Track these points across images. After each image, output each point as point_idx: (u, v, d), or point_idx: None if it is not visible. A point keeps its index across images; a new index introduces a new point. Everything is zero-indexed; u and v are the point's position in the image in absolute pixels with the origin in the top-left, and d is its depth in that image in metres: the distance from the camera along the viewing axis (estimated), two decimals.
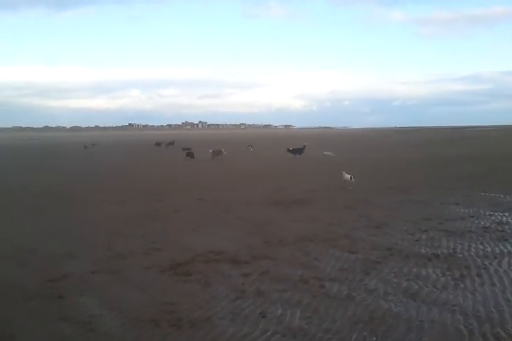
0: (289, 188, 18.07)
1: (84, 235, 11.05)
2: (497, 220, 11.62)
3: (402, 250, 9.08)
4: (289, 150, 34.78)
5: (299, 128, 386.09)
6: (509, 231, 10.45)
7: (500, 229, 10.66)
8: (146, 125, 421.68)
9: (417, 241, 9.76)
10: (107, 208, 14.74)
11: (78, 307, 6.65)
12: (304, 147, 35.21)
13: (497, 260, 8.35)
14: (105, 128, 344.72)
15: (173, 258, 8.83)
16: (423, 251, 9.03)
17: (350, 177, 16.79)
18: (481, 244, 9.44)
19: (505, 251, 8.91)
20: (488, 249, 9.03)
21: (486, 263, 8.19)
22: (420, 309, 6.28)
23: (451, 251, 8.99)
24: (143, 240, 10.37)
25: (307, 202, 14.81)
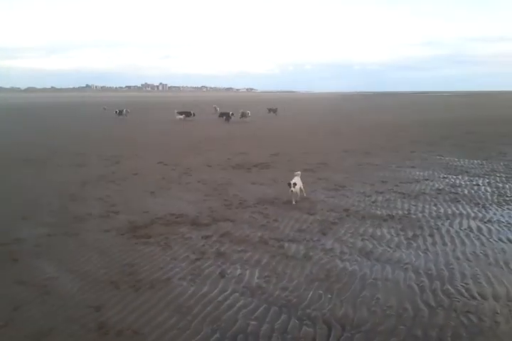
0: (251, 152, 18.04)
1: (39, 199, 10.75)
2: (450, 183, 12.02)
3: (359, 211, 9.32)
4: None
5: (262, 92, 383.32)
6: (461, 193, 10.85)
7: (453, 191, 11.05)
8: (104, 86, 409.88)
9: (373, 202, 10.01)
10: (63, 171, 14.37)
11: (34, 270, 6.54)
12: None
13: (449, 220, 8.69)
14: (61, 90, 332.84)
15: (132, 221, 8.76)
16: (379, 212, 9.28)
17: (292, 184, 9.71)
18: (435, 205, 9.78)
19: (457, 212, 9.27)
20: (441, 210, 9.36)
21: (438, 223, 8.51)
22: (374, 267, 6.50)
23: (405, 212, 9.28)
24: (101, 203, 10.22)
25: (268, 166, 14.87)
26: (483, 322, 5.03)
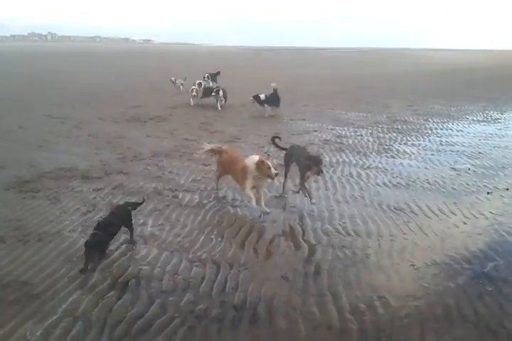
0: (147, 105, 17.63)
1: None
2: (337, 134, 12.82)
3: None
4: None
5: (160, 43, 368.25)
6: (346, 143, 11.65)
7: (338, 141, 11.82)
8: None
9: (265, 153, 10.43)
10: None
11: None
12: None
13: (333, 168, 9.38)
14: None
15: (19, 176, 8.39)
16: None
17: None
18: (321, 154, 10.41)
19: (341, 160, 10.01)
20: (327, 159, 10.01)
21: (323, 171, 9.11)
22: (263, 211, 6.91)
23: None
24: None
25: (165, 119, 14.72)
26: (356, 255, 5.64)
